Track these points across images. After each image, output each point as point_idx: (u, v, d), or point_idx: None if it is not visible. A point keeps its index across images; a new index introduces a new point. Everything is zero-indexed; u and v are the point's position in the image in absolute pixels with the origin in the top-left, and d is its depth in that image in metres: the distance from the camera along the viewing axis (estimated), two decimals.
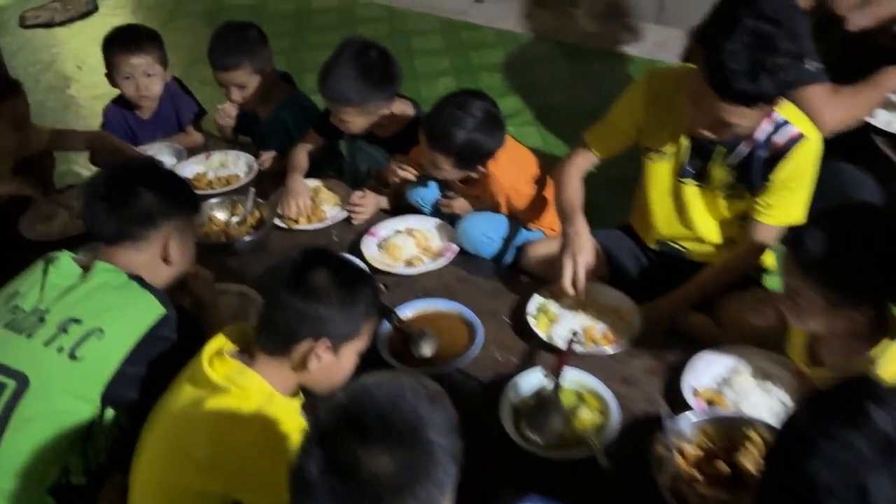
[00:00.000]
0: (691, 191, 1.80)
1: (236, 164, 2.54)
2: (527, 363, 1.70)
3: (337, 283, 1.28)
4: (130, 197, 1.47)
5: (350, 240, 2.21)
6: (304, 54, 4.39)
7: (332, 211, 2.29)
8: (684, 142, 1.75)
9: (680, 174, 1.79)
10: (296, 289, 1.26)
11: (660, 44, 4.04)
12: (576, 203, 1.85)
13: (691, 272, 1.85)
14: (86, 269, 1.46)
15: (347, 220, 2.26)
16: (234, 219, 2.24)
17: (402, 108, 2.27)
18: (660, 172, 1.83)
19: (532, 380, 1.58)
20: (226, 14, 5.12)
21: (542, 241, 2.08)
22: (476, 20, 4.60)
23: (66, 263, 1.47)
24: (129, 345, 1.40)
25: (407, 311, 1.83)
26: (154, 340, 1.43)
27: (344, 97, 2.11)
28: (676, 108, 1.67)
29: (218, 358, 1.30)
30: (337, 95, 2.11)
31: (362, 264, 1.97)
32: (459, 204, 2.14)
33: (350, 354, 1.34)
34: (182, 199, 1.58)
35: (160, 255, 1.53)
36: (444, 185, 2.18)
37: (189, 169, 2.52)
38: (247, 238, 2.12)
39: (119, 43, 2.49)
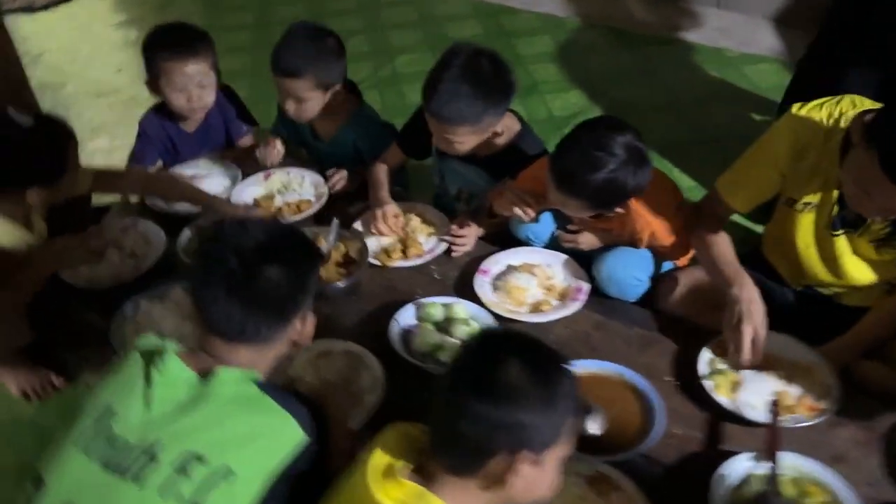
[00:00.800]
0: (843, 241, 1.64)
1: (302, 186, 2.25)
2: (714, 440, 1.47)
3: (534, 378, 1.02)
4: (267, 285, 1.18)
5: (453, 277, 1.94)
6: None
7: (428, 243, 2.02)
8: (835, 193, 1.59)
9: (831, 226, 1.63)
10: (487, 392, 1.00)
11: (722, 30, 3.80)
12: (734, 261, 1.66)
13: (842, 315, 1.69)
14: (202, 373, 1.16)
15: (447, 252, 1.99)
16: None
17: (506, 122, 1.99)
18: (805, 223, 1.67)
19: (738, 467, 1.35)
20: None
21: (679, 274, 1.84)
22: (512, 3, 4.30)
23: (174, 367, 1.15)
24: (262, 487, 1.11)
25: None
26: (291, 478, 1.15)
27: (459, 117, 1.83)
28: (827, 161, 1.56)
29: (389, 480, 1.05)
30: (450, 115, 1.83)
31: (484, 312, 1.73)
32: (585, 239, 1.88)
33: (554, 462, 1.09)
34: (315, 262, 1.29)
35: (292, 340, 1.26)
36: (564, 217, 1.92)
37: (248, 192, 2.23)
38: (341, 284, 1.83)
39: (168, 47, 2.16)
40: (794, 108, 1.62)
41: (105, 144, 3.39)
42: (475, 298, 1.80)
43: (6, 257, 1.84)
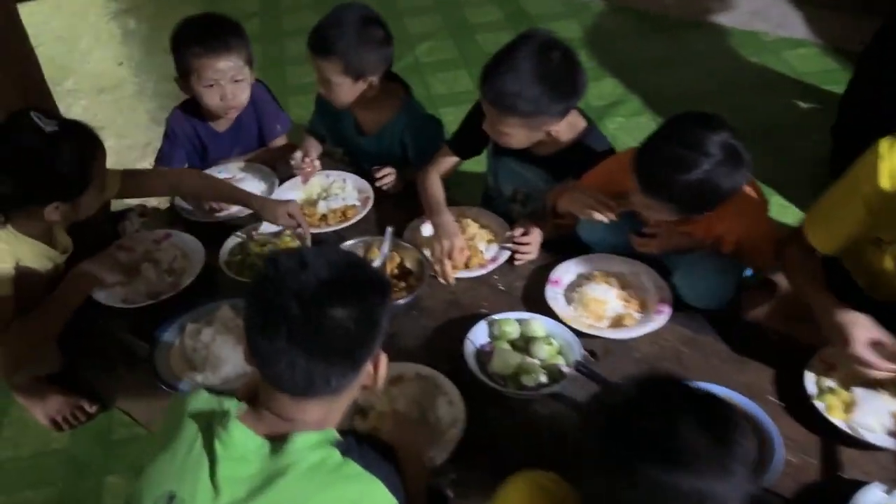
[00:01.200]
0: None
1: (344, 190, 2.11)
2: (832, 467, 1.37)
3: (714, 438, 0.89)
4: (335, 330, 1.01)
5: (520, 288, 1.82)
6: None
7: (489, 251, 1.89)
8: None
9: None
10: (666, 459, 0.87)
11: (756, 12, 3.67)
12: (821, 283, 1.53)
13: None
14: (272, 438, 1.02)
15: (509, 260, 1.87)
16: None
17: (570, 119, 1.86)
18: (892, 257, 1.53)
19: (870, 500, 1.24)
20: None
21: (767, 283, 1.73)
22: None
23: (239, 436, 1.00)
24: None
25: None
26: None
27: (512, 104, 1.70)
28: None
29: None
30: (504, 101, 1.70)
31: (562, 328, 1.61)
32: (662, 243, 1.76)
33: None
34: (386, 296, 1.13)
35: (364, 385, 1.13)
36: (635, 219, 1.79)
37: (287, 197, 2.08)
38: (402, 301, 1.70)
39: (199, 42, 2.00)
40: (885, 143, 1.42)
41: (112, 144, 3.18)
42: (547, 311, 1.68)
43: (30, 279, 1.69)
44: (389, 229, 1.84)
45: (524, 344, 1.60)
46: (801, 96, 3.10)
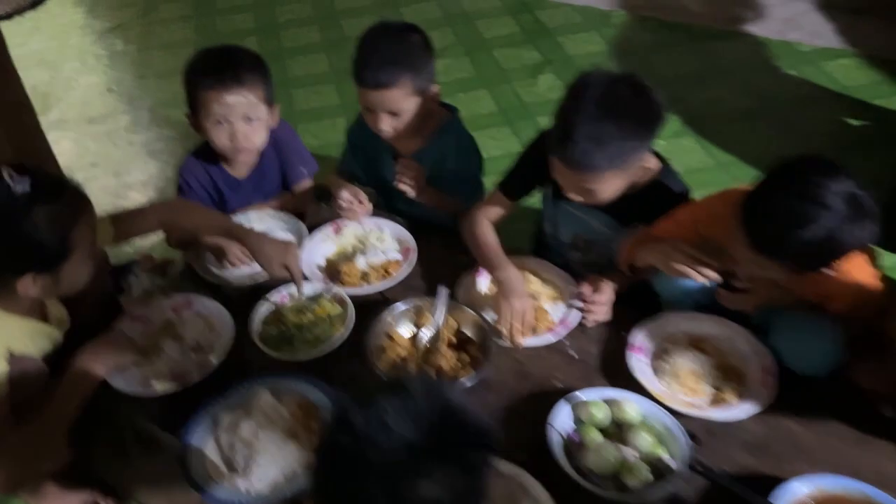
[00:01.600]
0: None
1: (382, 241, 1.90)
2: None
3: None
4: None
5: (594, 355, 1.62)
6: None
7: (555, 311, 1.69)
8: None
9: None
10: None
11: (789, 21, 3.51)
12: None
13: None
14: None
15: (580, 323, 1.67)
16: (425, 334, 1.61)
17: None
18: None
19: None
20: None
21: (878, 346, 1.54)
22: None
23: None
24: None
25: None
26: None
27: (605, 164, 1.51)
28: None
29: None
30: (595, 163, 1.51)
31: (659, 410, 1.42)
32: (755, 299, 1.57)
33: None
34: (491, 455, 0.92)
35: None
36: (728, 272, 1.60)
37: (318, 252, 1.88)
38: (468, 381, 1.49)
39: (209, 73, 1.78)
40: None
41: (111, 183, 2.98)
42: (631, 383, 1.48)
43: (26, 370, 1.46)
44: (444, 290, 1.64)
45: (616, 430, 1.41)
46: (850, 111, 2.94)
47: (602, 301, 1.67)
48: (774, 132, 2.85)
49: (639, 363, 1.53)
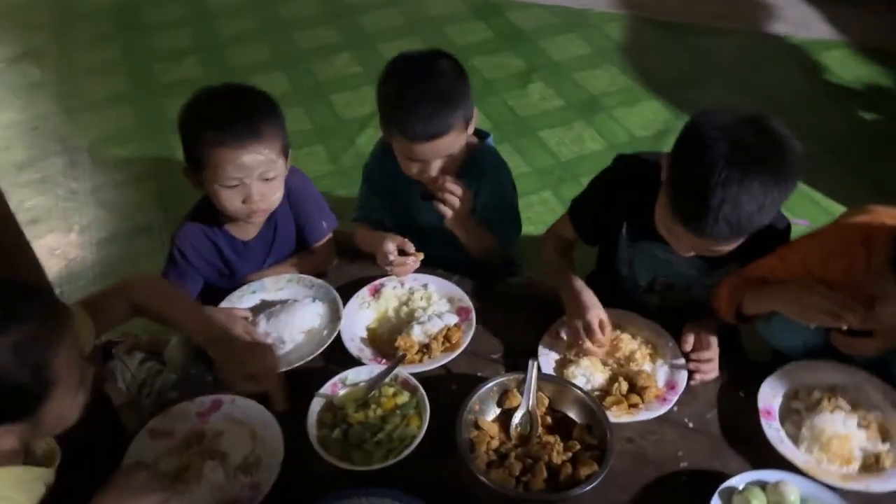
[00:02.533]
0: None
1: (430, 301, 1.65)
2: None
3: None
4: None
5: (712, 422, 1.44)
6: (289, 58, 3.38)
7: (660, 374, 1.49)
8: None
9: None
10: None
11: (773, 13, 3.46)
12: None
13: None
14: None
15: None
16: (516, 420, 1.38)
17: None
18: None
19: None
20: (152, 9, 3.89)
21: None
22: None
23: None
24: None
25: None
26: None
27: (739, 234, 1.33)
28: None
29: None
30: (739, 231, 1.32)
31: (813, 486, 1.24)
32: (874, 342, 1.42)
33: None
34: None
35: None
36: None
37: (358, 321, 1.62)
38: (586, 486, 1.25)
39: (220, 127, 1.47)
40: None
41: (53, 242, 2.57)
42: (769, 457, 1.31)
43: None
44: (534, 363, 1.41)
45: None
46: (859, 105, 2.89)
47: (711, 357, 1.48)
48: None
49: (776, 432, 1.35)
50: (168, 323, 1.48)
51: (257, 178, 1.53)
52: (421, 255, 1.64)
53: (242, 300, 1.67)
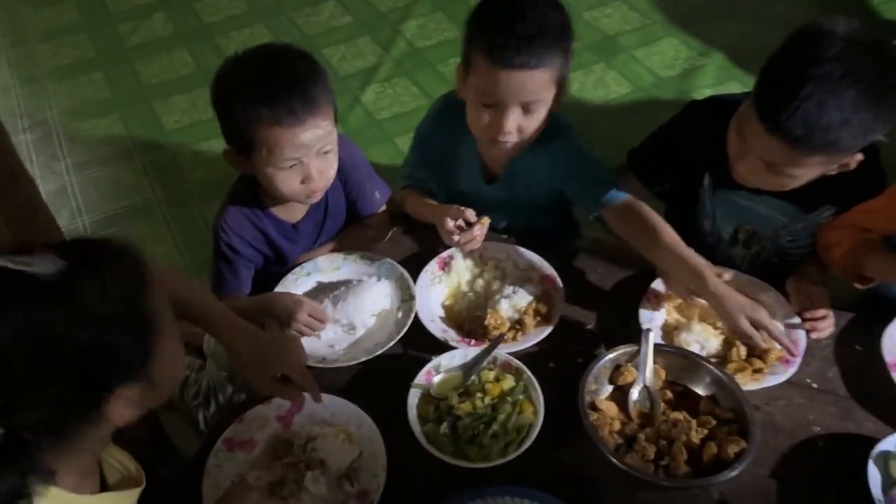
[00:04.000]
0: None
1: (505, 273, 1.52)
2: None
3: None
4: None
5: (836, 381, 1.36)
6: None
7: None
8: None
9: None
10: None
11: None
12: None
13: None
14: None
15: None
16: (634, 397, 1.28)
17: None
18: None
19: None
20: None
21: None
22: None
23: None
24: None
25: None
26: None
27: (834, 139, 1.21)
28: None
29: None
30: (824, 136, 1.21)
31: None
32: None
33: None
34: None
35: None
36: None
37: (433, 299, 1.48)
38: (741, 463, 1.16)
39: (272, 103, 1.27)
40: None
41: None
42: None
43: None
44: (648, 334, 1.30)
45: None
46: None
47: (827, 313, 1.40)
48: None
49: None
50: (189, 318, 1.26)
51: (315, 155, 1.36)
52: (487, 221, 1.46)
53: (297, 284, 1.51)
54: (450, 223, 1.45)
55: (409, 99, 2.76)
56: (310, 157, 1.35)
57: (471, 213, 1.45)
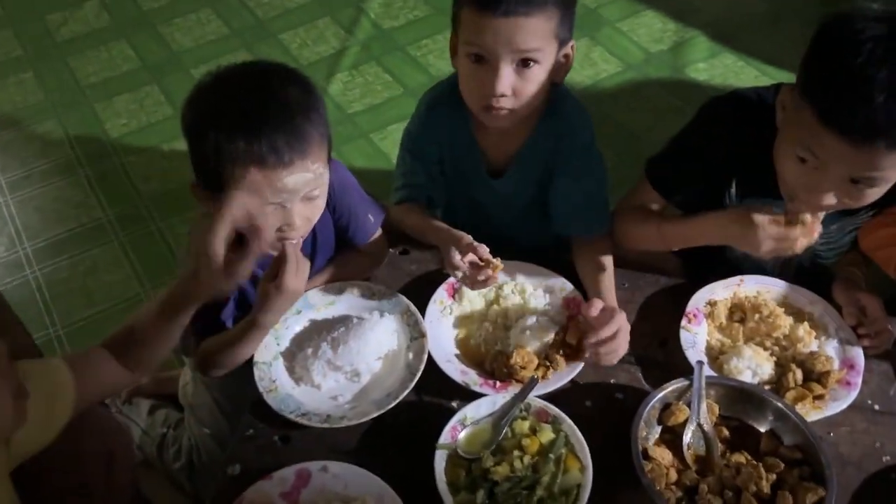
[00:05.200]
0: None
1: (524, 296, 1.37)
2: None
3: None
4: None
5: None
6: None
7: (829, 351, 1.28)
8: None
9: None
10: None
11: None
12: None
13: None
14: None
15: None
16: (687, 439, 1.14)
17: None
18: None
19: None
20: None
21: None
22: None
23: None
24: None
25: None
26: None
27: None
28: None
29: None
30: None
31: None
32: None
33: None
34: None
35: None
36: None
37: (445, 334, 1.32)
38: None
39: (250, 138, 1.07)
40: None
41: None
42: None
43: None
44: (701, 367, 1.17)
45: None
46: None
47: (884, 325, 1.28)
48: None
49: None
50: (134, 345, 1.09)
51: (300, 200, 1.16)
52: (500, 266, 1.24)
53: (286, 324, 1.33)
54: (457, 258, 1.26)
55: (382, 88, 2.55)
56: (293, 203, 1.15)
57: (484, 251, 1.25)
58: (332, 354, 1.26)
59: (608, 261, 1.38)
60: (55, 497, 1.13)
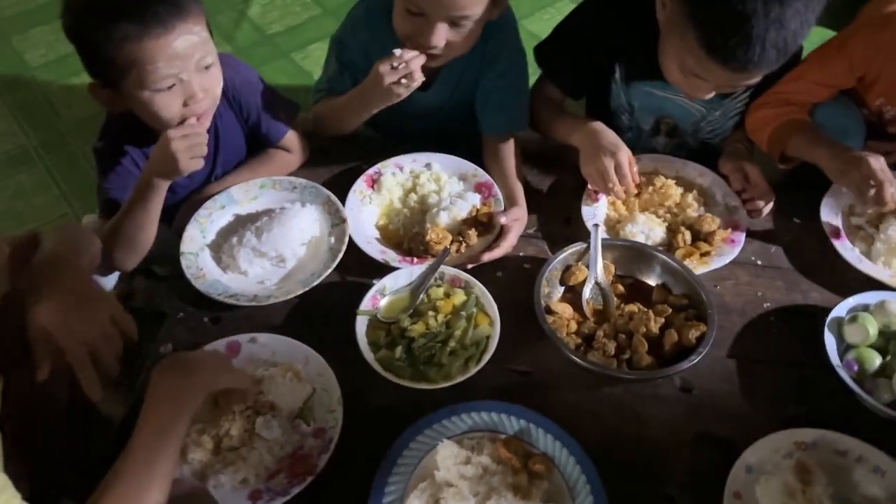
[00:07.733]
0: None
1: (441, 184, 1.44)
2: None
3: None
4: None
5: (780, 255, 1.38)
6: None
7: (720, 214, 1.39)
8: None
9: None
10: None
11: None
12: None
13: None
14: None
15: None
16: (586, 295, 1.25)
17: None
18: None
19: None
20: None
21: None
22: None
23: None
24: None
25: None
26: None
27: (778, 61, 1.20)
28: None
29: None
30: (772, 61, 1.19)
31: None
32: None
33: None
34: None
35: None
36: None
37: (365, 220, 1.40)
38: (703, 347, 1.17)
39: (131, 15, 1.11)
40: None
41: None
42: (851, 278, 1.30)
43: None
44: (597, 229, 1.27)
45: (884, 343, 1.19)
46: None
47: (765, 188, 1.40)
48: None
49: (851, 252, 1.32)
50: None
51: (195, 69, 1.20)
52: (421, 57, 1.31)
53: (212, 219, 1.38)
54: (383, 66, 1.31)
55: (301, 10, 2.55)
56: (190, 73, 1.19)
57: (398, 52, 1.31)
58: (257, 242, 1.32)
59: (513, 155, 1.46)
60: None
